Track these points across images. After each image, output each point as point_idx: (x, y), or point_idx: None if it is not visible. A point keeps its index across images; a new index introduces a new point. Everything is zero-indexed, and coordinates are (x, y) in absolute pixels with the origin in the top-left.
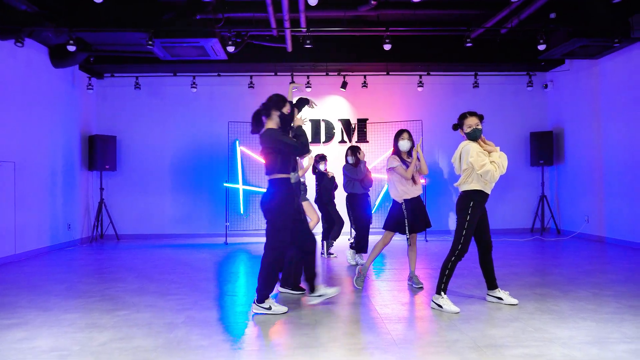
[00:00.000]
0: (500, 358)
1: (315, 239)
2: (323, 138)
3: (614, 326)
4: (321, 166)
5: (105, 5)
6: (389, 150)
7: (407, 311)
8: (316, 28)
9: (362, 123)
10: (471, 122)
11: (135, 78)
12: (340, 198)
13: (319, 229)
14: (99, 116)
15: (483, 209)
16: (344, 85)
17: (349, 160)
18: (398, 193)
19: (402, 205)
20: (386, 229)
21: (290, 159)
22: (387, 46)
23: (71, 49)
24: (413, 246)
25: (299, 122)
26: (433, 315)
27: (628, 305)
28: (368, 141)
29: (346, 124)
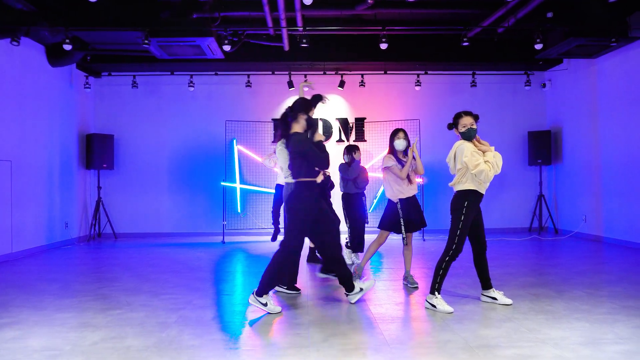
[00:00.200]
0: (492, 358)
1: (340, 245)
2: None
3: (608, 327)
4: None
5: (101, 4)
6: (387, 149)
7: (401, 311)
8: (313, 27)
9: (360, 122)
10: (466, 122)
11: (133, 77)
12: (337, 197)
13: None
14: (96, 115)
15: (477, 208)
16: (342, 84)
17: (345, 159)
18: (393, 192)
19: (398, 204)
20: (381, 228)
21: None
22: (384, 45)
23: (67, 47)
24: (409, 246)
25: (319, 137)
26: (427, 315)
27: (622, 305)
28: (366, 140)
29: (344, 123)
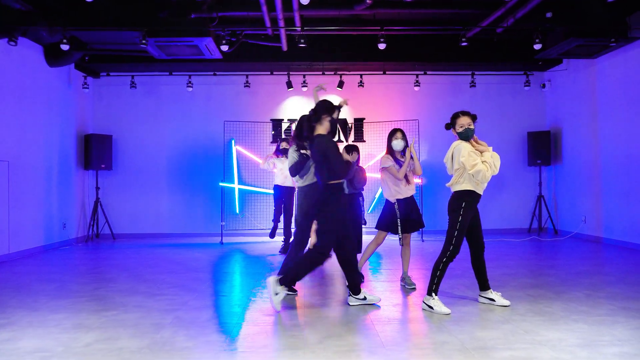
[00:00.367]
0: None
1: (355, 250)
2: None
3: (606, 328)
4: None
5: (99, 4)
6: (385, 149)
7: (398, 312)
8: (311, 27)
9: (359, 122)
10: (463, 122)
11: (131, 77)
12: None
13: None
14: (94, 115)
15: (475, 209)
16: (341, 84)
17: None
18: (391, 193)
19: (395, 205)
20: (378, 229)
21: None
22: (382, 45)
23: (64, 47)
24: (406, 246)
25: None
26: (424, 316)
27: (621, 307)
28: (365, 141)
29: (343, 123)
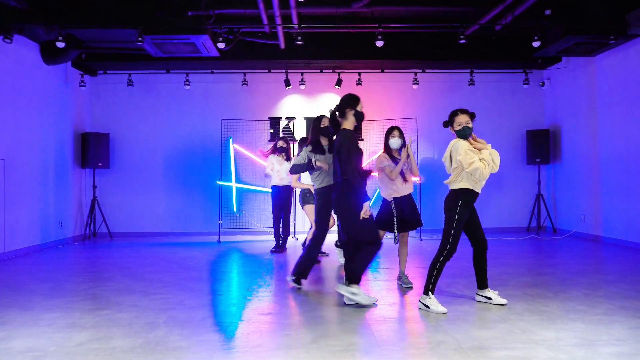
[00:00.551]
0: None
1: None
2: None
3: (604, 328)
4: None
5: (96, 1)
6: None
7: (394, 311)
8: (308, 25)
9: None
10: (461, 120)
11: (129, 75)
12: None
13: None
14: (92, 113)
15: (472, 207)
16: (339, 82)
17: None
18: (387, 191)
19: (392, 203)
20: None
21: (361, 162)
22: (380, 43)
23: (60, 45)
24: (404, 245)
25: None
26: (420, 316)
27: (619, 306)
28: (363, 139)
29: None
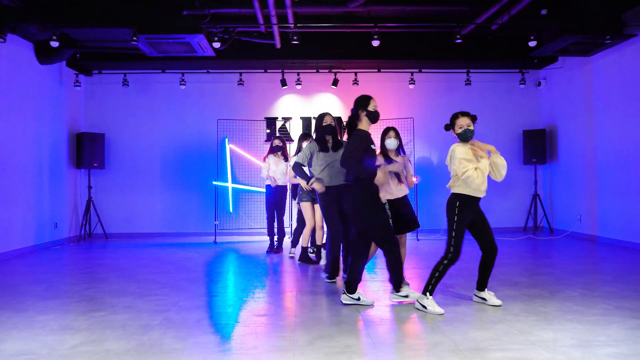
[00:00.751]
0: None
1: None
2: (314, 136)
3: (601, 328)
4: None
5: (91, 0)
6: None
7: (391, 313)
8: (304, 24)
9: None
10: (462, 123)
11: (124, 75)
12: None
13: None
14: (87, 113)
15: (477, 212)
16: (335, 82)
17: None
18: (381, 193)
19: (386, 205)
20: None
21: (375, 161)
22: (376, 42)
23: (54, 44)
24: (401, 247)
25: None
26: (416, 317)
27: (616, 306)
28: None
29: (337, 121)
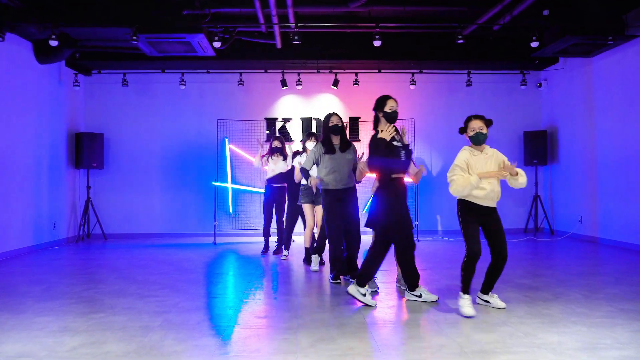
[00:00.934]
0: None
1: (413, 245)
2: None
3: (606, 331)
4: (296, 163)
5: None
6: None
7: (394, 314)
8: (305, 24)
9: (354, 122)
10: (474, 126)
11: (123, 75)
12: None
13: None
14: (86, 113)
15: (488, 216)
16: (336, 83)
17: None
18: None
19: None
20: (367, 227)
21: (387, 161)
22: (377, 42)
23: (53, 44)
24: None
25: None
26: (420, 319)
27: (620, 308)
28: (360, 140)
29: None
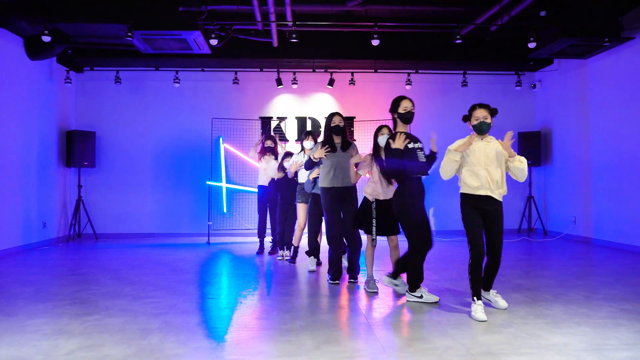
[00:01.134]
0: None
1: (429, 247)
2: (321, 135)
3: (610, 332)
4: (286, 163)
5: None
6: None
7: (395, 316)
8: (303, 22)
9: (349, 121)
10: (479, 115)
11: (116, 72)
12: None
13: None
14: (77, 111)
15: (488, 213)
16: (331, 82)
17: None
18: (369, 191)
19: (373, 204)
20: (354, 227)
21: (401, 162)
22: (376, 42)
23: (46, 39)
24: (394, 249)
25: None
26: (422, 320)
27: (620, 309)
28: (355, 140)
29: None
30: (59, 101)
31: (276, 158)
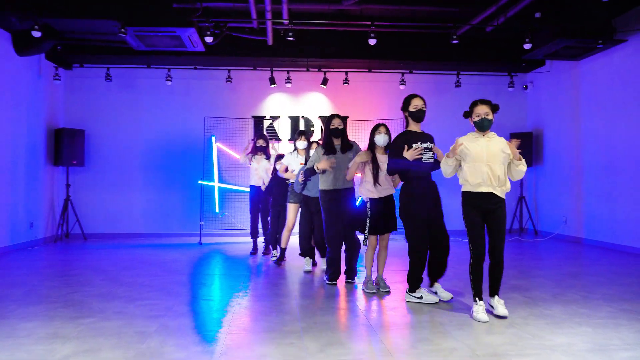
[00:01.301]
0: None
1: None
2: (319, 138)
3: (611, 332)
4: (278, 165)
5: None
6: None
7: (397, 317)
8: (298, 21)
9: (343, 120)
10: (480, 111)
11: (107, 69)
12: None
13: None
14: (66, 108)
15: (490, 212)
16: (325, 82)
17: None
18: (363, 190)
19: (367, 203)
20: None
21: (401, 161)
22: (372, 41)
23: (36, 34)
24: (383, 249)
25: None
26: (425, 321)
27: (620, 308)
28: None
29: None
30: (47, 98)
31: (268, 158)
